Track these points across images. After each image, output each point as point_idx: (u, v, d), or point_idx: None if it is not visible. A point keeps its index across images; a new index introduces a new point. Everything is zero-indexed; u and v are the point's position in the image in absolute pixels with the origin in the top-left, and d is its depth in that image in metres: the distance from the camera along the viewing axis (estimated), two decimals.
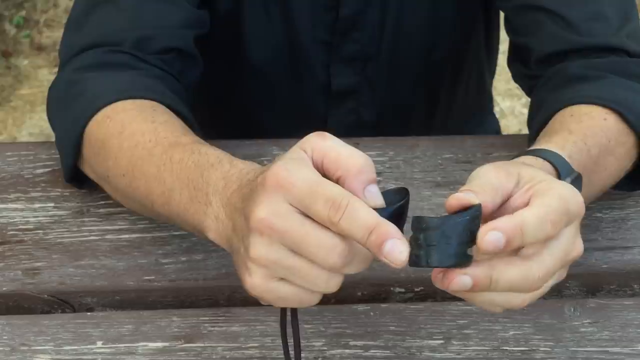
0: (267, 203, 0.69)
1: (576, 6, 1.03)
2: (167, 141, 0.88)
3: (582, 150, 0.87)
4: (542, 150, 0.84)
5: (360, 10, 1.18)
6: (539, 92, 1.03)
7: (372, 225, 0.67)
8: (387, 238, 0.67)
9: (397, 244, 0.67)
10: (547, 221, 0.70)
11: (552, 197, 0.72)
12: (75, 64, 1.01)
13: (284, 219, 0.68)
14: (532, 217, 0.70)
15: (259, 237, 0.70)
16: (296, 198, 0.68)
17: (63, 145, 0.98)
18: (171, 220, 0.87)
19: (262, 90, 1.27)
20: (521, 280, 0.71)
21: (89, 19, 1.04)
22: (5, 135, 2.56)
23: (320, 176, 0.69)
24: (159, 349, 0.88)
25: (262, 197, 0.69)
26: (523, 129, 2.54)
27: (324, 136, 0.72)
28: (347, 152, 0.71)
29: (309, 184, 0.68)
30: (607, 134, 0.91)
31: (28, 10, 2.87)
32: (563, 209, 0.72)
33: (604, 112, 0.93)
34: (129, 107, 0.94)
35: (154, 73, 1.00)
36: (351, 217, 0.67)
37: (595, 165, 0.89)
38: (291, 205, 0.69)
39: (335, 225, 0.68)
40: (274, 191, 0.69)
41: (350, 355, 0.88)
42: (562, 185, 0.74)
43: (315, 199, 0.68)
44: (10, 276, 0.95)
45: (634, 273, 0.97)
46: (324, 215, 0.68)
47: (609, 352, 0.89)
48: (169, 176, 0.84)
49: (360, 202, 0.68)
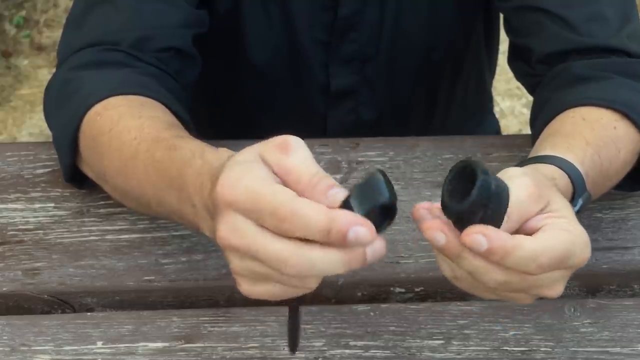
0: (223, 221, 0.68)
1: (576, 7, 1.03)
2: (150, 137, 0.87)
3: (596, 166, 0.87)
4: (567, 163, 0.84)
5: (359, 10, 1.18)
6: (542, 91, 1.03)
7: (324, 225, 0.64)
8: (347, 230, 0.64)
9: (360, 230, 0.64)
10: (536, 261, 0.69)
11: (560, 242, 0.71)
12: (71, 62, 1.01)
13: (240, 236, 0.67)
14: (526, 250, 0.69)
15: (229, 253, 0.69)
16: (245, 213, 0.67)
17: (60, 144, 0.98)
18: (170, 218, 0.87)
19: (261, 91, 1.27)
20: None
21: (87, 19, 1.04)
22: (5, 135, 2.56)
23: (262, 181, 0.67)
24: (159, 349, 0.88)
25: (218, 215, 0.69)
26: (523, 129, 2.54)
27: (286, 148, 0.68)
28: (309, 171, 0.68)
29: (251, 199, 0.66)
30: (617, 144, 0.92)
31: (28, 10, 2.87)
32: (560, 259, 0.71)
33: (613, 118, 0.93)
34: (119, 104, 0.93)
35: (149, 71, 1.00)
36: (300, 224, 0.65)
37: (603, 179, 0.90)
38: (246, 218, 0.67)
39: (285, 234, 0.66)
40: (225, 209, 0.68)
41: (351, 355, 0.88)
42: (578, 234, 0.73)
43: (261, 214, 0.66)
44: (10, 276, 0.95)
45: (634, 273, 0.97)
46: (274, 228, 0.66)
47: (609, 353, 0.89)
48: (155, 176, 0.84)
49: (305, 205, 0.65)
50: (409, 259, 0.96)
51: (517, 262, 0.69)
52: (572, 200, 0.84)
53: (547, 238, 0.71)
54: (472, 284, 0.73)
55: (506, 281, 0.71)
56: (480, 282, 0.71)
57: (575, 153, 0.86)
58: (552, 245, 0.70)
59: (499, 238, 0.68)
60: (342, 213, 0.65)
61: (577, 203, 0.83)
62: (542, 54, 1.05)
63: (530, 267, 0.70)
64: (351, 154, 1.07)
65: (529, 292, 0.74)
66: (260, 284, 0.69)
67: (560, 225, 0.72)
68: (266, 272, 0.68)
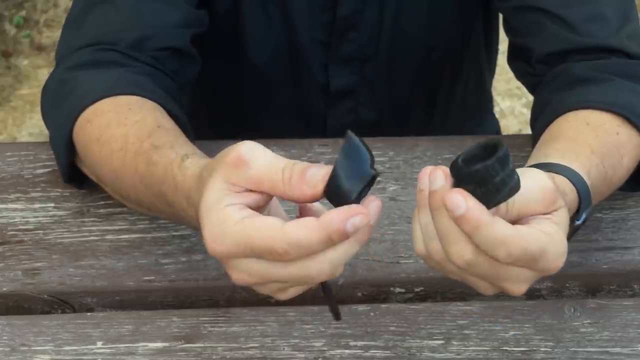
0: (230, 269, 0.70)
1: (575, 7, 1.03)
2: (134, 149, 0.87)
3: (601, 175, 0.87)
4: (576, 175, 0.83)
5: (358, 10, 1.18)
6: (542, 92, 1.03)
7: (324, 237, 0.66)
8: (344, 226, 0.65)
9: (355, 220, 0.66)
10: (506, 247, 0.68)
11: (537, 240, 0.70)
12: (68, 62, 1.01)
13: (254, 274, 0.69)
14: (499, 232, 0.68)
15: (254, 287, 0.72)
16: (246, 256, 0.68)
17: (56, 144, 0.98)
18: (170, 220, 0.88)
19: (261, 91, 1.27)
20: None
21: (86, 19, 1.04)
22: (5, 135, 2.56)
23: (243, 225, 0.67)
24: (159, 349, 0.88)
25: (223, 264, 0.71)
26: (523, 129, 2.54)
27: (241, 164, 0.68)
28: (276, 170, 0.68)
29: (243, 246, 0.67)
30: (620, 150, 0.92)
31: (28, 10, 2.87)
32: (532, 256, 0.70)
33: (616, 123, 0.93)
34: (107, 109, 0.93)
35: (144, 70, 0.99)
36: (302, 251, 0.66)
37: (607, 187, 0.90)
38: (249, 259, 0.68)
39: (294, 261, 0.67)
40: (225, 260, 0.69)
41: (351, 355, 0.88)
42: (558, 241, 0.72)
43: (260, 255, 0.67)
44: (10, 276, 0.95)
45: (634, 273, 0.97)
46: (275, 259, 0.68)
47: (609, 353, 0.89)
48: (142, 187, 0.85)
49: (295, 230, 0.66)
50: (409, 259, 0.96)
51: (486, 241, 0.68)
52: (577, 213, 0.83)
53: (525, 232, 0.70)
54: (441, 260, 0.72)
55: (473, 261, 0.69)
56: (449, 254, 0.70)
57: (582, 162, 0.85)
58: (527, 239, 0.69)
59: (478, 209, 0.67)
60: (330, 217, 0.66)
61: (581, 217, 0.83)
62: (541, 54, 1.05)
63: (499, 252, 0.68)
64: None
65: (493, 281, 0.72)
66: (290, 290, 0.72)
67: (544, 226, 0.71)
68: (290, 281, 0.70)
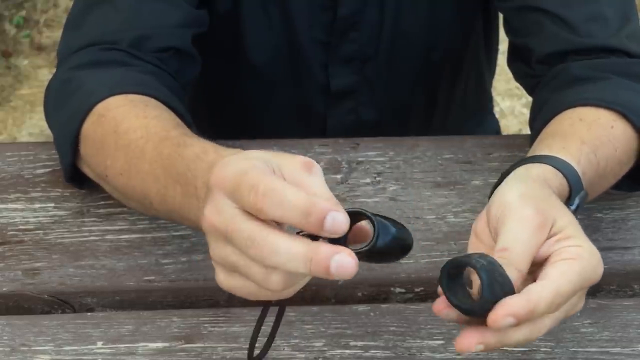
0: (209, 201, 0.68)
1: (575, 7, 1.03)
2: (157, 136, 0.87)
3: (592, 164, 0.87)
4: (562, 162, 0.84)
5: (358, 10, 1.18)
6: (541, 92, 1.03)
7: (303, 206, 0.64)
8: (326, 213, 0.64)
9: (337, 217, 0.64)
10: (560, 297, 0.72)
11: (574, 272, 0.73)
12: (70, 62, 1.01)
13: (220, 215, 0.67)
14: (548, 295, 0.71)
15: (209, 236, 0.69)
16: (229, 193, 0.67)
17: (60, 144, 0.98)
18: (171, 218, 0.87)
19: (261, 91, 1.27)
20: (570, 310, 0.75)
21: (87, 19, 1.04)
22: (5, 135, 2.56)
23: (254, 166, 0.67)
24: (159, 349, 0.88)
25: (207, 196, 0.69)
26: (523, 129, 2.54)
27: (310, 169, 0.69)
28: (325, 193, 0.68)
29: (236, 177, 0.66)
30: (615, 143, 0.92)
31: (28, 10, 2.88)
32: (579, 285, 0.73)
33: (611, 118, 0.93)
34: (122, 104, 0.93)
35: (147, 69, 1.00)
36: (278, 203, 0.64)
37: (600, 178, 0.90)
38: (229, 199, 0.67)
39: (263, 213, 0.65)
40: (214, 189, 0.68)
41: (351, 355, 0.88)
42: (588, 257, 0.74)
43: (240, 189, 0.66)
44: (10, 276, 0.95)
45: (634, 273, 0.97)
46: (252, 205, 0.65)
47: (610, 353, 0.89)
48: (161, 173, 0.84)
49: (287, 186, 0.65)
50: (409, 259, 0.96)
51: (546, 310, 0.71)
52: (569, 199, 0.84)
53: (559, 275, 0.72)
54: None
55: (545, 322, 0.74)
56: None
57: (571, 152, 0.86)
58: (568, 280, 0.72)
59: (519, 307, 0.70)
60: (321, 200, 0.65)
61: (573, 202, 0.83)
62: (541, 54, 1.05)
63: (558, 303, 0.72)
64: (351, 154, 1.07)
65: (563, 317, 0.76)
66: (234, 276, 0.69)
67: (569, 253, 0.74)
68: (236, 259, 0.68)
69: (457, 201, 1.02)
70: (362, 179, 1.04)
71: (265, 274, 0.67)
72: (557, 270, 0.73)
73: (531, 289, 0.71)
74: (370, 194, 1.02)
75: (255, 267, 0.67)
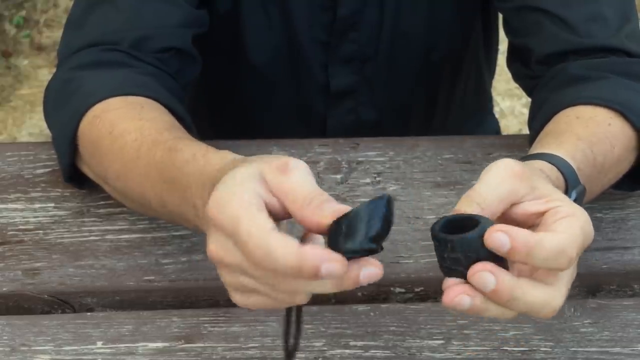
0: (212, 238, 0.69)
1: (575, 7, 1.03)
2: (151, 139, 0.87)
3: (589, 160, 0.87)
4: (557, 157, 0.84)
5: (358, 10, 1.18)
6: (540, 92, 1.03)
7: (294, 263, 0.64)
8: (319, 266, 0.64)
9: (332, 267, 0.64)
10: (566, 253, 0.70)
11: (576, 227, 0.71)
12: (71, 63, 1.01)
13: (229, 253, 0.68)
14: (551, 244, 0.69)
15: (220, 269, 0.70)
16: (228, 235, 0.68)
17: (59, 144, 0.98)
18: (172, 220, 0.87)
19: (261, 91, 1.27)
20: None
21: (88, 19, 1.04)
22: (5, 135, 2.56)
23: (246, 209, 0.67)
24: (159, 349, 0.88)
25: (209, 231, 0.70)
26: (523, 129, 2.54)
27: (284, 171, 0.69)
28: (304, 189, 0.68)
29: (232, 225, 0.67)
30: (612, 140, 0.91)
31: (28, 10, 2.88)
32: (582, 243, 0.71)
33: (608, 116, 0.93)
34: (119, 105, 0.93)
35: (148, 70, 1.00)
36: (269, 260, 0.65)
37: (598, 174, 0.90)
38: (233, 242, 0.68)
39: (259, 266, 0.66)
40: (215, 229, 0.69)
41: (351, 355, 0.88)
42: (582, 213, 0.73)
43: (236, 238, 0.67)
44: (10, 276, 0.95)
45: (634, 273, 0.97)
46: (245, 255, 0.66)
47: (609, 353, 0.89)
48: (156, 177, 0.84)
49: (276, 242, 0.65)
50: (409, 259, 0.96)
51: (546, 260, 0.69)
52: (566, 193, 0.83)
53: (564, 229, 0.71)
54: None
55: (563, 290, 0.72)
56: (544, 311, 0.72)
57: (566, 149, 0.86)
58: (573, 234, 0.70)
59: (522, 236, 0.68)
60: (311, 251, 0.64)
61: (571, 195, 0.83)
62: (541, 54, 1.05)
63: (563, 263, 0.70)
64: (351, 154, 1.07)
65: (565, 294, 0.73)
66: (252, 295, 0.70)
67: (565, 212, 0.72)
68: (259, 287, 0.68)
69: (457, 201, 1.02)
70: (362, 179, 1.04)
71: (291, 297, 0.69)
72: (561, 225, 0.71)
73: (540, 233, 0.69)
74: (370, 194, 1.02)
75: (279, 293, 0.68)
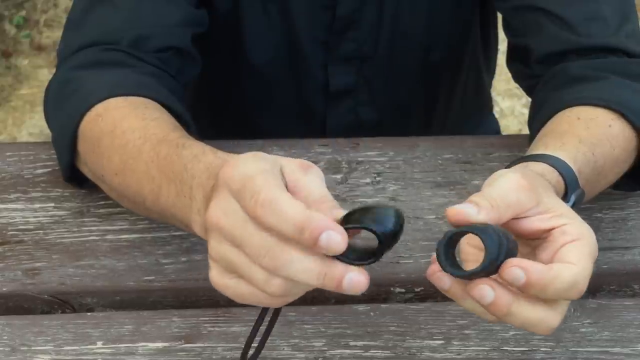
0: (217, 200, 0.68)
1: (574, 6, 1.03)
2: (156, 137, 0.87)
3: (589, 163, 0.87)
4: (558, 160, 0.84)
5: (357, 9, 1.18)
6: (539, 92, 1.03)
7: (299, 221, 0.64)
8: (321, 232, 0.63)
9: (333, 236, 0.64)
10: (578, 287, 0.71)
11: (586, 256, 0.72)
12: (71, 62, 1.01)
13: (229, 218, 0.67)
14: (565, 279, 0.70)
15: (211, 233, 0.69)
16: (233, 191, 0.67)
17: (59, 143, 0.98)
18: (163, 217, 0.87)
19: (261, 90, 1.28)
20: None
21: (87, 19, 1.04)
22: (5, 135, 2.56)
23: (262, 170, 0.67)
24: (159, 349, 0.88)
25: (215, 194, 0.69)
26: (523, 129, 2.54)
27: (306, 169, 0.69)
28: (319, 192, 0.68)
29: (242, 180, 0.66)
30: (612, 142, 0.92)
31: (28, 10, 2.87)
32: (591, 270, 0.72)
33: (609, 117, 0.93)
34: (121, 105, 0.93)
35: (148, 70, 1.00)
36: (275, 214, 0.64)
37: (597, 176, 0.90)
38: (237, 202, 0.67)
39: (259, 220, 0.65)
40: (222, 188, 0.68)
41: (351, 355, 0.88)
42: (590, 235, 0.74)
43: (244, 192, 0.66)
44: (10, 276, 0.95)
45: (634, 273, 0.97)
46: (248, 208, 0.65)
47: (610, 353, 0.89)
48: (156, 172, 0.84)
49: (287, 199, 0.65)
50: (409, 259, 0.96)
51: (558, 292, 0.70)
52: (565, 197, 0.84)
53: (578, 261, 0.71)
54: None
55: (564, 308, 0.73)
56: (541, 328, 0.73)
57: (567, 151, 0.86)
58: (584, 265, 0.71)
59: (537, 270, 0.69)
60: (318, 216, 0.64)
61: (569, 199, 0.83)
62: (540, 54, 1.05)
63: (574, 294, 0.71)
64: (351, 154, 1.07)
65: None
66: (230, 276, 0.69)
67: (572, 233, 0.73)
68: (239, 261, 0.67)
69: (457, 201, 1.01)
70: (362, 179, 1.04)
71: (267, 278, 0.67)
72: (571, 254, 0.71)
73: (554, 265, 0.70)
74: (370, 194, 1.02)
75: (258, 271, 0.67)
